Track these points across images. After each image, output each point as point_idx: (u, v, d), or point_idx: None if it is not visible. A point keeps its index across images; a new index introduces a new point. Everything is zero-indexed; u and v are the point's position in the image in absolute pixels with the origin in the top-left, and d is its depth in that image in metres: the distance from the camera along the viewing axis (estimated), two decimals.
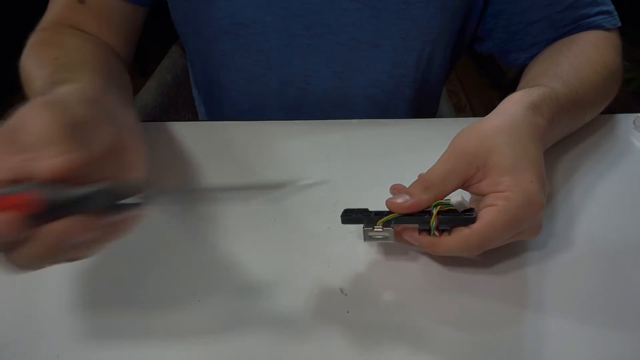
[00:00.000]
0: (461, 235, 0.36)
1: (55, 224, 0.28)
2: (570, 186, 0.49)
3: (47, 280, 0.40)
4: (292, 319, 0.37)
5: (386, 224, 0.38)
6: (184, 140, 0.55)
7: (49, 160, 0.28)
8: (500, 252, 0.41)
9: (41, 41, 0.54)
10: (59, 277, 0.40)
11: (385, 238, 0.38)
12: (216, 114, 0.72)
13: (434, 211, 0.37)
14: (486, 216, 0.36)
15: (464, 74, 2.31)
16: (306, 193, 0.48)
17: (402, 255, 0.42)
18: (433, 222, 0.37)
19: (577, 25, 0.59)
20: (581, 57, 0.54)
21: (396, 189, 0.40)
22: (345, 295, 0.38)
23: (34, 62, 0.50)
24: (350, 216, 0.39)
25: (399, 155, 0.54)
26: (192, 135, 0.55)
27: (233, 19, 0.58)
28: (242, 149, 0.54)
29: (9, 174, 0.29)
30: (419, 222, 0.38)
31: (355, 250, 0.42)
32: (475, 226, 0.36)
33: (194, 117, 0.83)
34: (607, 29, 0.59)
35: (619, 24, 0.60)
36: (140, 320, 0.37)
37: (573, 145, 0.54)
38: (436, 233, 0.37)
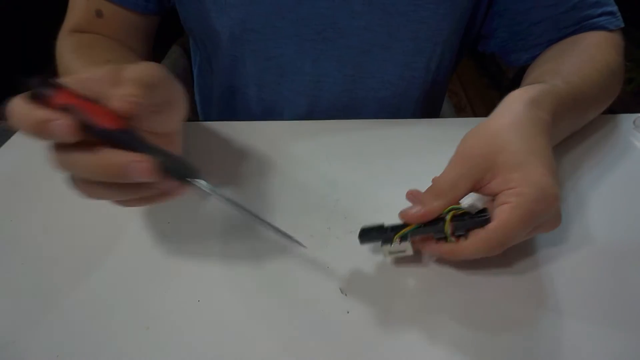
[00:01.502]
0: (478, 238, 0.36)
1: (119, 151, 0.30)
2: (570, 186, 0.49)
3: (47, 280, 0.40)
4: (292, 318, 0.37)
5: (403, 238, 0.38)
6: (184, 140, 0.55)
7: (122, 99, 0.31)
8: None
9: (81, 44, 0.57)
10: (59, 277, 0.40)
11: (404, 252, 0.39)
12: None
13: (447, 217, 0.37)
14: (501, 215, 0.36)
15: (464, 74, 2.31)
16: (306, 193, 0.48)
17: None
18: (448, 228, 0.37)
19: (581, 27, 0.59)
20: (583, 56, 0.54)
21: (413, 194, 0.40)
22: (345, 295, 0.38)
23: (83, 62, 0.52)
24: (367, 236, 0.39)
25: (399, 155, 0.54)
26: (192, 135, 0.55)
27: (244, 26, 0.58)
28: (243, 149, 0.54)
29: (95, 94, 0.31)
30: (435, 230, 0.38)
31: (355, 250, 0.42)
32: (491, 226, 0.36)
33: (194, 117, 0.83)
34: (610, 30, 0.59)
35: (622, 25, 0.60)
36: (141, 321, 0.37)
37: (573, 146, 0.54)
38: (453, 239, 0.37)
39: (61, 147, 0.31)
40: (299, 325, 0.36)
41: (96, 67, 0.51)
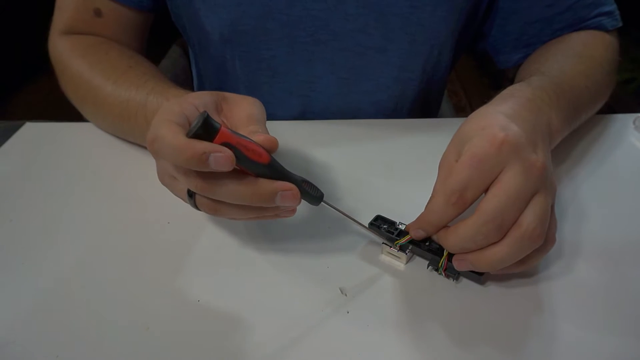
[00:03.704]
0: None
1: (268, 181, 0.34)
2: (569, 186, 0.49)
3: (47, 280, 0.40)
4: (292, 319, 0.37)
5: (402, 248, 0.40)
6: None
7: (268, 138, 0.35)
8: None
9: (89, 47, 0.56)
10: (58, 276, 0.40)
11: (398, 258, 0.41)
12: None
13: (445, 253, 0.38)
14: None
15: (464, 74, 2.31)
16: None
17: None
18: (442, 263, 0.38)
19: (574, 29, 0.59)
20: (568, 53, 0.55)
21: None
22: (345, 295, 0.38)
23: (102, 68, 0.53)
24: (377, 226, 0.42)
25: (399, 155, 0.54)
26: None
27: (234, 27, 0.58)
28: None
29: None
30: (431, 259, 0.40)
31: (355, 250, 0.42)
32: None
33: None
34: (606, 30, 0.59)
35: (619, 24, 0.59)
36: (141, 321, 0.37)
37: (573, 145, 0.54)
38: (443, 274, 0.39)
39: (207, 174, 0.33)
40: (299, 325, 0.36)
41: (116, 71, 0.52)
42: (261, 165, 0.34)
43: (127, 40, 0.61)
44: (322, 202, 0.38)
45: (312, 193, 0.37)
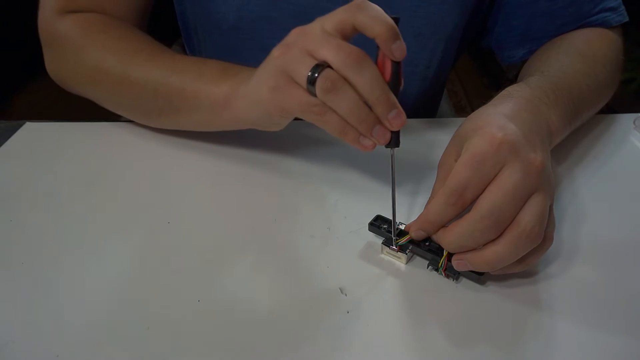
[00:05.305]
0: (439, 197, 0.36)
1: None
2: (569, 186, 0.49)
3: (47, 280, 0.40)
4: (292, 319, 0.37)
5: (402, 248, 0.40)
6: (184, 139, 0.55)
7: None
8: None
9: (107, 26, 0.54)
10: (58, 276, 0.40)
11: (398, 259, 0.41)
12: None
13: (445, 252, 0.38)
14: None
15: (464, 74, 2.31)
16: (306, 193, 0.48)
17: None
18: (442, 263, 0.38)
19: (579, 25, 0.59)
20: (570, 51, 0.54)
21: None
22: (345, 295, 0.38)
23: (133, 41, 0.53)
24: (377, 227, 0.42)
25: (399, 155, 0.53)
26: (193, 134, 0.55)
27: (238, 13, 0.57)
28: (242, 148, 0.54)
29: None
30: (431, 259, 0.40)
31: (355, 250, 0.42)
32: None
33: None
34: (611, 26, 0.59)
35: (625, 19, 0.59)
36: (141, 321, 0.37)
37: (573, 145, 0.54)
38: (442, 274, 0.39)
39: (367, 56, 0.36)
40: (299, 325, 0.36)
41: (153, 43, 0.53)
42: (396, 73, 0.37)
43: (131, 21, 0.58)
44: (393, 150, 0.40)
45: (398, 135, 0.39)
